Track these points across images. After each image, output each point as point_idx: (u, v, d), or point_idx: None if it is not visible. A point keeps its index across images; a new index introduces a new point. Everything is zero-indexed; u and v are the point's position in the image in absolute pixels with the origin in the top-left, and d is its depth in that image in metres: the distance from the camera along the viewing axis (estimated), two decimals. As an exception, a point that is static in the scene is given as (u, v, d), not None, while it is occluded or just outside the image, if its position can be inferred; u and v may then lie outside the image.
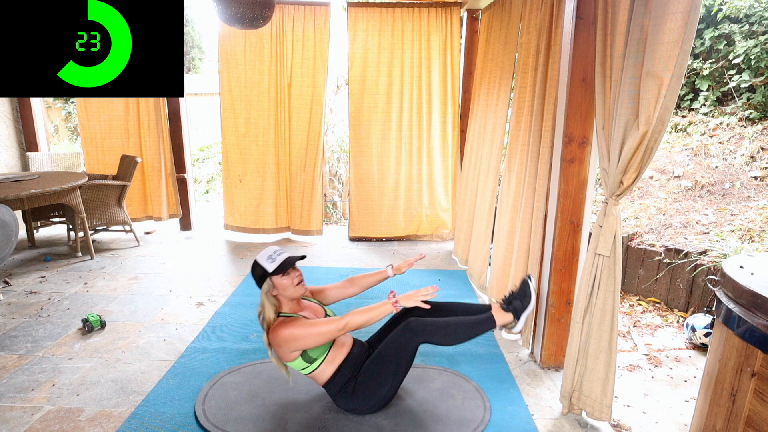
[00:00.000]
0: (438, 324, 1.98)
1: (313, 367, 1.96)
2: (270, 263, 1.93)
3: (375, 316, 1.88)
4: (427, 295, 1.91)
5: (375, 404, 2.03)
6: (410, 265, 2.27)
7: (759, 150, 4.05)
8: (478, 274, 3.50)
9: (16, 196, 3.38)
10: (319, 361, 1.96)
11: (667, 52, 1.52)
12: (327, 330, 1.86)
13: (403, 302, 1.90)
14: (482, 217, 3.47)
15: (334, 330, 1.86)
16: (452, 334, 1.99)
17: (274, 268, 1.92)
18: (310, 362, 1.95)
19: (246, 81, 4.47)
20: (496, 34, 3.33)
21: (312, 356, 1.94)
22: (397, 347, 1.97)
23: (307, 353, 1.93)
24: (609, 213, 1.84)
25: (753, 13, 4.67)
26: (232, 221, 4.82)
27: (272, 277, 1.93)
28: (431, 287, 1.93)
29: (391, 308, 1.90)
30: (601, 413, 1.97)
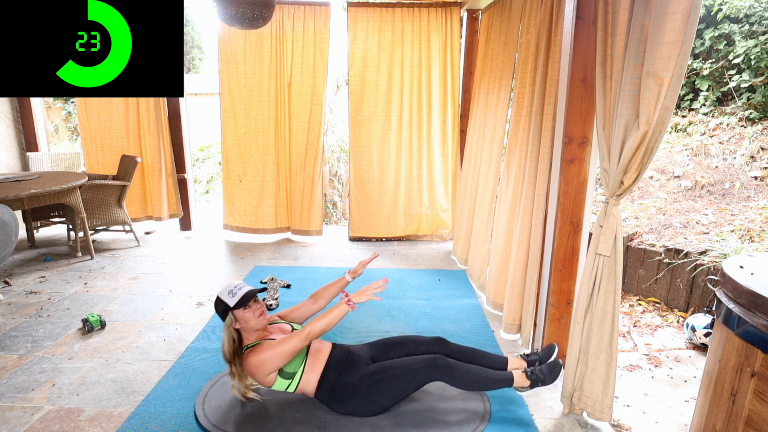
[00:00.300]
0: (461, 370, 2.04)
1: (296, 381, 2.01)
2: (231, 298, 1.99)
3: (333, 318, 1.97)
4: (377, 289, 2.00)
5: (370, 411, 2.04)
6: (365, 265, 2.33)
7: (759, 150, 4.05)
8: (478, 274, 3.50)
9: (16, 196, 3.38)
10: (298, 373, 2.01)
11: (668, 52, 1.52)
12: (291, 345, 1.93)
13: (356, 299, 1.99)
14: (482, 217, 3.47)
15: (297, 343, 1.93)
16: (470, 383, 2.06)
17: (236, 302, 1.98)
18: (290, 378, 2.00)
19: (246, 81, 4.47)
20: (496, 34, 3.33)
21: (289, 371, 1.99)
22: (415, 375, 2.01)
23: (284, 371, 1.98)
24: (609, 213, 1.84)
25: (753, 13, 4.67)
26: (232, 221, 4.81)
27: (234, 311, 1.99)
28: (381, 280, 2.02)
29: (346, 308, 1.98)
30: (601, 413, 1.97)
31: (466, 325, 2.97)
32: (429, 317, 3.07)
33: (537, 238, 2.51)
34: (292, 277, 3.74)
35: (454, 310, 3.18)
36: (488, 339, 2.79)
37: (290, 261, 4.19)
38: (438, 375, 2.01)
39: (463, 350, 2.23)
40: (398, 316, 3.08)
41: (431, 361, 2.02)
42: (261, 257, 4.28)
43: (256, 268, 3.96)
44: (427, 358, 2.04)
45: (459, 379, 2.03)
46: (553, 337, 2.42)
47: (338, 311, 1.97)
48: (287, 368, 1.99)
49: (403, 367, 2.03)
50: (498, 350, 2.66)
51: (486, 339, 2.79)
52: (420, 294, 3.45)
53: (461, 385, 2.05)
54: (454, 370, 2.02)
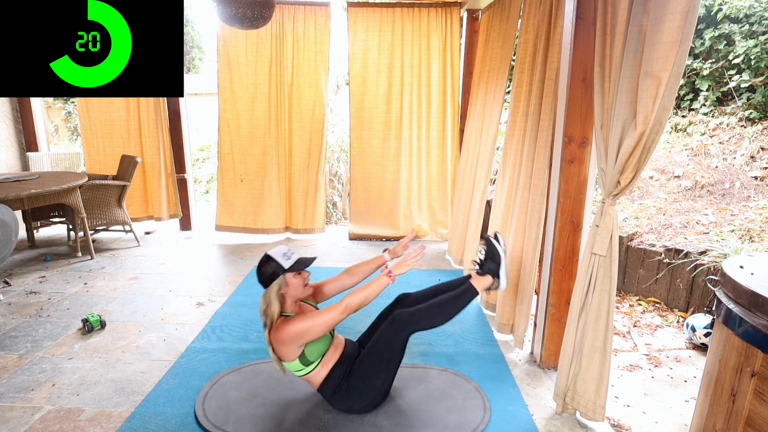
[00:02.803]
0: (422, 309, 2.00)
1: (308, 369, 1.98)
2: (285, 260, 1.94)
3: (372, 291, 1.90)
4: (416, 257, 1.93)
5: (370, 401, 2.03)
6: (405, 246, 2.27)
7: (759, 150, 4.05)
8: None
9: (16, 196, 3.38)
10: (315, 364, 1.97)
11: (666, 52, 1.52)
12: (330, 317, 1.87)
13: (397, 271, 1.93)
14: (472, 216, 3.46)
15: (336, 315, 1.87)
16: (438, 314, 2.01)
17: (290, 265, 1.93)
18: (307, 365, 1.96)
19: (247, 81, 4.47)
20: (495, 34, 3.33)
21: (309, 359, 1.96)
22: (387, 342, 1.98)
23: (305, 355, 1.94)
24: (606, 213, 1.84)
25: (753, 13, 4.67)
26: (230, 221, 4.81)
27: (286, 274, 1.94)
28: (419, 248, 1.96)
29: (386, 280, 1.92)
30: (594, 413, 1.97)
31: (466, 325, 2.97)
32: (429, 317, 3.06)
33: (532, 238, 2.52)
34: (292, 277, 3.74)
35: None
36: (488, 339, 2.79)
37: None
38: (405, 328, 1.97)
39: (428, 292, 2.20)
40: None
41: (390, 321, 1.98)
42: (260, 257, 4.28)
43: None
44: (387, 321, 2.00)
45: (426, 318, 1.99)
46: (554, 336, 2.42)
47: (378, 284, 1.91)
48: (309, 355, 1.94)
49: (374, 342, 2.00)
50: (498, 350, 2.66)
51: (485, 339, 2.79)
52: (420, 294, 3.45)
53: (432, 322, 2.01)
54: (417, 314, 1.98)
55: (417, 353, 2.60)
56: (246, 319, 3.02)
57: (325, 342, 2.00)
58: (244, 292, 3.46)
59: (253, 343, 2.72)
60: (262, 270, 1.96)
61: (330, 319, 1.86)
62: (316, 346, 1.96)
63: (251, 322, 2.97)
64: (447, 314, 2.04)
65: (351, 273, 2.25)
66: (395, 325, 1.97)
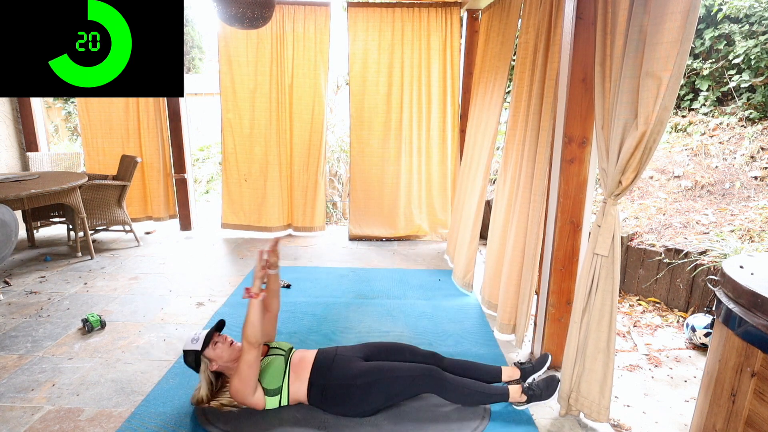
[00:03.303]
0: (456, 384, 2.05)
1: (285, 395, 2.04)
2: (196, 344, 2.03)
3: (251, 317, 1.93)
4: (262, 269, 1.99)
5: (364, 412, 2.04)
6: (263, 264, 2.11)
7: (759, 150, 4.05)
8: (462, 274, 3.49)
9: (16, 196, 3.38)
10: (284, 387, 2.04)
11: (666, 52, 1.52)
12: (244, 361, 1.93)
13: (254, 288, 1.96)
14: (470, 216, 3.46)
15: (246, 356, 1.93)
16: (465, 397, 2.08)
17: (201, 345, 2.02)
18: (278, 393, 2.02)
19: (247, 81, 4.48)
20: (495, 33, 3.33)
21: (274, 388, 2.02)
22: (412, 381, 2.03)
23: (267, 389, 2.01)
24: (608, 213, 1.84)
25: (753, 13, 4.67)
26: (235, 219, 4.85)
27: (204, 353, 2.03)
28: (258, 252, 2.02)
29: (253, 301, 1.95)
30: (598, 414, 1.97)
31: (466, 325, 2.97)
32: (429, 317, 3.07)
33: (533, 238, 2.51)
34: (292, 277, 3.74)
35: (454, 310, 3.18)
36: (488, 339, 2.79)
37: (290, 261, 4.19)
38: (433, 386, 2.03)
39: (458, 364, 2.25)
40: (398, 316, 3.08)
41: (428, 370, 2.05)
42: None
43: (256, 268, 3.95)
44: (425, 367, 2.06)
45: (453, 392, 2.05)
46: (554, 336, 2.42)
47: (251, 310, 1.94)
48: (269, 386, 2.01)
49: (401, 370, 2.04)
50: (498, 350, 2.66)
51: (485, 339, 2.79)
52: (420, 294, 3.45)
53: (455, 399, 2.07)
54: (449, 384, 2.04)
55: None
56: (246, 319, 3.01)
57: (276, 364, 2.06)
58: (244, 292, 3.45)
59: (253, 343, 2.71)
60: (187, 364, 2.07)
61: (246, 362, 1.93)
62: (268, 375, 2.03)
63: (251, 322, 2.96)
64: (472, 403, 2.11)
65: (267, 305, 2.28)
66: (429, 379, 2.03)
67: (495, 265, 3.00)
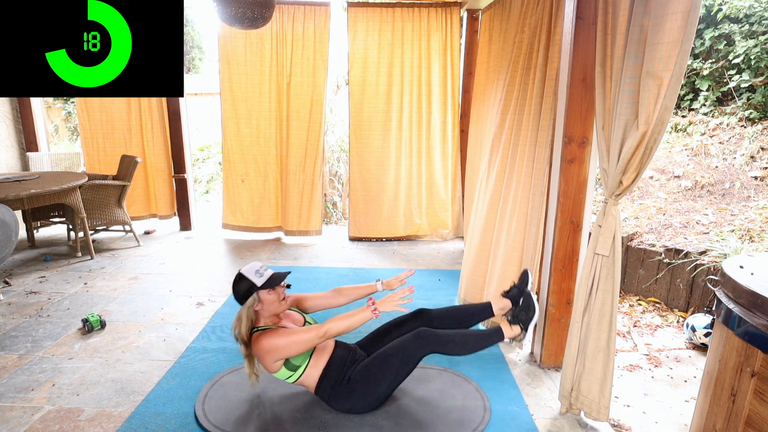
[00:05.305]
0: (449, 336, 2.03)
1: (298, 374, 1.99)
2: (258, 278, 1.95)
3: (355, 323, 1.92)
4: (404, 300, 1.95)
5: (371, 403, 2.04)
6: (401, 281, 2.29)
7: (759, 150, 4.05)
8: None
9: (16, 196, 3.38)
10: (302, 367, 1.99)
11: (667, 52, 1.52)
12: (308, 338, 1.89)
13: (382, 308, 1.94)
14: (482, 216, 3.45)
15: (314, 338, 1.89)
16: (462, 347, 2.05)
17: (263, 282, 1.95)
18: (294, 370, 1.98)
19: (247, 81, 4.47)
20: (497, 33, 3.33)
21: (295, 364, 1.97)
22: (405, 354, 2.00)
23: (290, 361, 1.96)
24: (608, 213, 1.84)
25: (753, 13, 4.67)
26: (233, 220, 4.82)
27: (259, 291, 1.95)
28: (407, 289, 1.99)
29: (370, 315, 1.93)
30: (598, 413, 1.97)
31: (466, 325, 2.97)
32: (429, 317, 3.06)
33: (532, 238, 2.51)
34: (292, 277, 3.71)
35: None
36: (488, 339, 2.79)
37: (290, 261, 4.19)
38: (428, 347, 1.99)
39: (446, 313, 2.23)
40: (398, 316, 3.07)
41: (416, 335, 2.00)
42: (261, 257, 4.28)
43: (256, 268, 3.95)
44: (413, 334, 2.02)
45: (449, 345, 2.01)
46: (554, 336, 2.42)
47: (361, 316, 1.92)
48: (294, 360, 1.96)
49: (391, 349, 2.02)
50: (497, 350, 2.66)
51: (486, 339, 2.79)
52: (420, 294, 3.45)
53: (453, 351, 2.03)
54: (441, 338, 2.00)
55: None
56: (246, 319, 3.01)
57: None
58: (244, 292, 3.45)
59: (253, 343, 2.71)
60: (236, 289, 1.99)
61: (308, 339, 1.89)
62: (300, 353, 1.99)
63: (251, 322, 2.96)
64: (470, 349, 2.08)
65: (340, 293, 2.28)
66: (421, 341, 1.99)
67: (476, 265, 2.99)
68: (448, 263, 4.17)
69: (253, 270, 1.98)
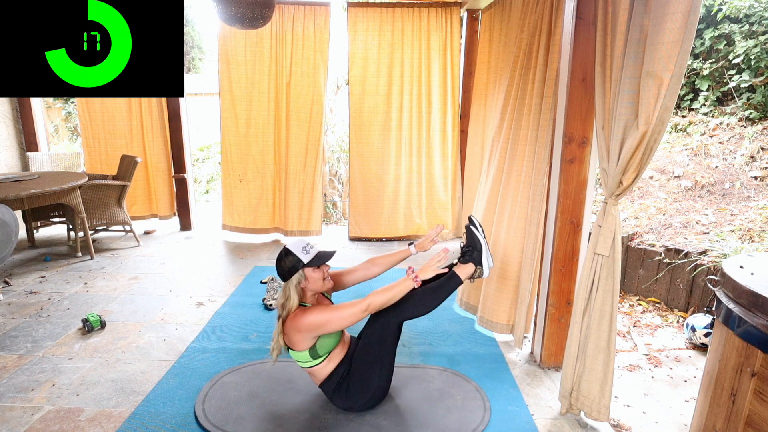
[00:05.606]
0: (406, 298, 1.98)
1: (315, 362, 1.97)
2: (305, 254, 1.92)
3: (397, 293, 1.90)
4: (441, 261, 1.95)
5: (369, 398, 2.03)
6: (433, 240, 2.25)
7: (759, 150, 4.05)
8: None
9: (16, 196, 3.38)
10: (322, 358, 1.97)
11: (667, 52, 1.52)
12: (351, 313, 1.85)
13: (422, 275, 1.93)
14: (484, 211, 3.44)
15: (357, 312, 1.85)
16: (420, 304, 2.00)
17: (310, 259, 1.91)
18: (315, 358, 1.96)
19: (246, 81, 4.47)
20: (497, 34, 3.33)
21: (318, 353, 1.95)
22: (376, 333, 1.98)
23: (315, 348, 1.93)
24: (608, 213, 1.84)
25: (753, 13, 4.67)
26: (231, 221, 4.81)
27: (305, 268, 1.92)
28: (442, 251, 1.98)
29: (411, 283, 1.91)
30: (599, 413, 1.97)
31: (466, 325, 2.97)
32: (429, 317, 3.06)
33: (532, 238, 2.51)
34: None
35: (455, 310, 3.18)
36: (487, 339, 2.79)
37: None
38: (390, 318, 1.97)
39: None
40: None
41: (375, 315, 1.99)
42: (261, 257, 4.28)
43: (256, 268, 3.95)
44: (372, 316, 2.00)
45: (413, 306, 1.98)
46: (554, 336, 2.42)
47: (403, 286, 1.90)
48: (320, 349, 1.94)
49: (365, 338, 2.01)
50: (497, 349, 2.66)
51: (485, 339, 2.79)
52: (420, 294, 3.45)
53: (416, 310, 2.00)
54: (404, 303, 1.97)
55: (417, 353, 2.60)
56: (246, 319, 3.02)
57: (336, 337, 2.01)
58: (244, 292, 3.45)
59: (253, 343, 2.72)
60: (281, 264, 1.94)
61: (351, 314, 1.85)
62: (328, 341, 1.97)
63: (251, 322, 2.97)
64: (430, 303, 2.02)
65: (374, 263, 2.24)
66: (380, 318, 1.97)
67: None
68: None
69: (299, 246, 1.94)
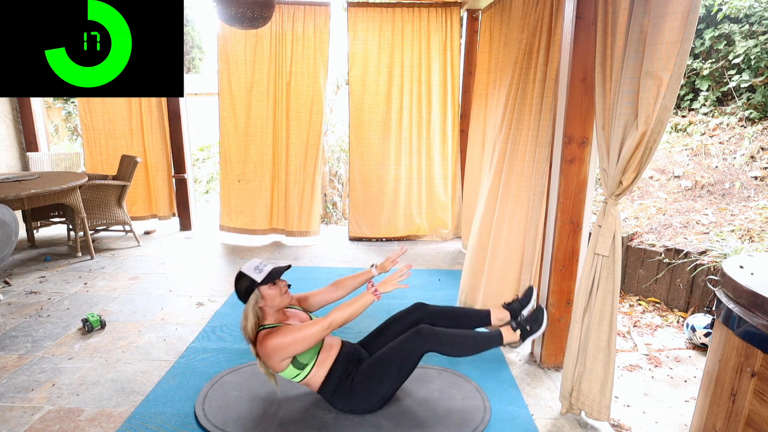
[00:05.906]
0: (448, 334, 2.01)
1: (305, 373, 1.97)
2: (257, 274, 1.95)
3: (358, 309, 1.91)
4: (402, 276, 1.95)
5: (373, 404, 2.03)
6: (394, 261, 2.27)
7: (759, 150, 4.05)
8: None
9: (16, 196, 3.38)
10: (309, 366, 1.97)
11: (667, 52, 1.52)
12: (313, 332, 1.88)
13: (383, 289, 1.93)
14: None
15: (319, 330, 1.88)
16: (462, 347, 2.04)
17: (263, 278, 1.94)
18: (301, 368, 1.96)
19: (246, 81, 4.47)
20: (497, 34, 3.33)
21: (302, 362, 1.95)
22: (405, 352, 1.99)
23: (297, 360, 1.94)
24: (608, 213, 1.84)
25: (753, 13, 4.67)
26: (229, 222, 4.78)
27: (260, 287, 1.95)
28: (404, 267, 1.98)
29: (372, 297, 1.92)
30: (599, 413, 1.97)
31: (466, 325, 2.97)
32: (429, 317, 3.06)
33: (532, 238, 2.51)
34: (292, 277, 3.73)
35: (454, 310, 3.18)
36: (488, 339, 2.79)
37: (290, 261, 4.19)
38: (426, 344, 1.97)
39: (445, 310, 2.22)
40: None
41: (415, 333, 1.99)
42: (261, 257, 4.28)
43: (256, 268, 3.95)
44: (412, 332, 2.00)
45: (448, 344, 2.00)
46: (554, 336, 2.42)
47: (363, 300, 1.91)
48: (301, 358, 1.94)
49: (391, 348, 2.00)
50: (498, 350, 2.66)
51: (486, 339, 2.79)
52: (420, 294, 3.45)
53: (452, 351, 2.02)
54: (441, 336, 1.98)
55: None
56: (246, 319, 3.01)
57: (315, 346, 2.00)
58: (244, 292, 3.45)
59: (253, 343, 2.72)
60: (237, 288, 1.98)
61: (314, 333, 1.87)
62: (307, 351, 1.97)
63: (251, 322, 2.96)
64: (469, 351, 2.07)
65: (338, 286, 2.27)
66: (419, 338, 1.98)
67: (477, 266, 2.99)
68: (448, 263, 4.17)
69: (252, 267, 1.97)
